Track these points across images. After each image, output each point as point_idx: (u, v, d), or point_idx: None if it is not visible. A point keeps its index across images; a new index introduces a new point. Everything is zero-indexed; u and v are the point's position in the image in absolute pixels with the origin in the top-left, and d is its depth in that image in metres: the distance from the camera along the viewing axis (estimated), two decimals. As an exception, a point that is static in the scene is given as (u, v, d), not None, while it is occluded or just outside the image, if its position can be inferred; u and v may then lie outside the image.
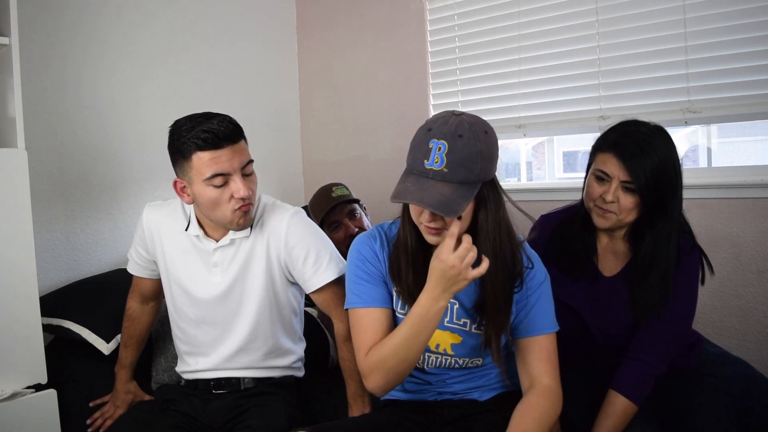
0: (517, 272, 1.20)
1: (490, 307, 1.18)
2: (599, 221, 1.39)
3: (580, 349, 1.52)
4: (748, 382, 1.54)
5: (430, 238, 1.15)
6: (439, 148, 1.07)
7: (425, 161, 1.09)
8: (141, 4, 2.31)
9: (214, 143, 1.32)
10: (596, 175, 1.39)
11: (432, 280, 1.11)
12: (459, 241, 1.09)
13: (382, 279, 1.26)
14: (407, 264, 1.21)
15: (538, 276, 1.25)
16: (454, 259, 1.06)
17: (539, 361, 1.22)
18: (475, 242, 1.11)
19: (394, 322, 1.25)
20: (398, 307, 1.27)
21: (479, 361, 1.27)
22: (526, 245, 1.26)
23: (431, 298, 1.11)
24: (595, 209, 1.40)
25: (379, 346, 1.18)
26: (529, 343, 1.23)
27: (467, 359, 1.27)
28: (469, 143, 1.08)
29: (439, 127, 1.10)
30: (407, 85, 2.62)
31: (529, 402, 1.18)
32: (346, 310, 1.29)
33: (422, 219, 1.13)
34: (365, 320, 1.23)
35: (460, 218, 1.10)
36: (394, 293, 1.27)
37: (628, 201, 1.34)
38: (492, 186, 1.14)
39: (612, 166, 1.34)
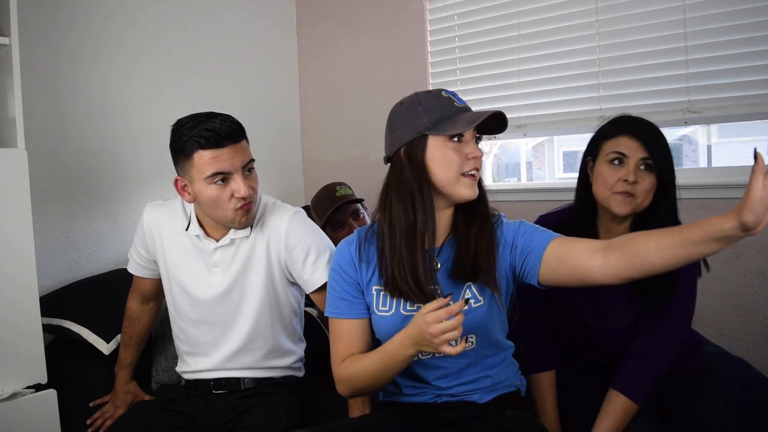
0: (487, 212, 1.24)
1: (481, 233, 1.21)
2: (619, 208, 1.35)
3: (580, 349, 1.52)
4: (748, 382, 1.54)
5: (472, 188, 1.19)
6: (454, 94, 1.23)
7: (455, 103, 1.21)
8: (141, 5, 2.31)
9: (216, 142, 1.32)
10: (611, 159, 1.37)
11: (410, 327, 1.13)
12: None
13: (357, 288, 1.29)
14: (417, 252, 1.20)
15: (513, 222, 1.27)
16: (436, 329, 1.07)
17: (579, 242, 1.15)
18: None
19: (371, 325, 1.30)
20: (378, 305, 1.27)
21: (472, 338, 1.25)
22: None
23: (402, 344, 1.15)
24: (613, 197, 1.36)
25: (351, 365, 1.25)
26: (554, 248, 1.17)
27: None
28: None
29: (432, 90, 1.26)
30: (407, 85, 2.62)
31: (640, 233, 1.06)
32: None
33: (471, 160, 1.18)
34: (340, 330, 1.30)
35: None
36: (374, 292, 1.28)
37: (647, 182, 1.35)
38: None
39: (629, 147, 1.35)
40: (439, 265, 1.26)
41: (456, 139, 1.18)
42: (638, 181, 1.34)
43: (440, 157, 1.18)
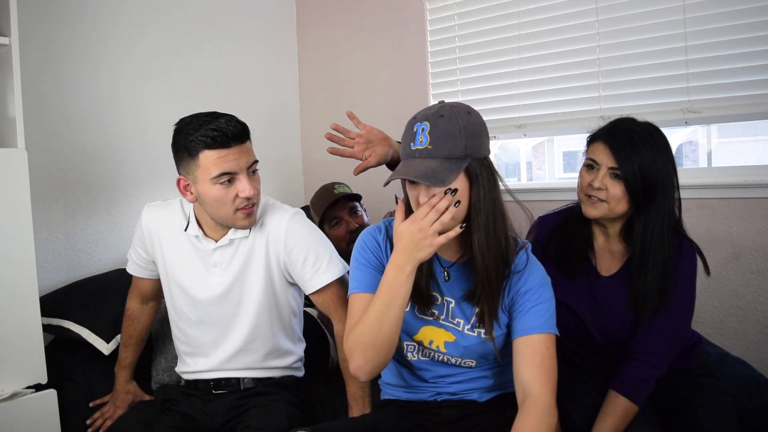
0: (508, 254, 1.19)
1: (482, 283, 1.17)
2: (589, 210, 1.40)
3: (580, 349, 1.53)
4: (749, 383, 1.54)
5: None
6: (422, 129, 1.13)
7: (411, 144, 1.14)
8: (141, 4, 2.31)
9: (223, 142, 1.32)
10: (586, 164, 1.42)
11: (398, 246, 1.13)
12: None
13: (380, 268, 1.26)
14: None
15: (538, 277, 1.23)
16: (425, 221, 1.09)
17: (530, 366, 1.16)
18: (468, 219, 1.15)
19: None
20: None
21: (472, 362, 1.27)
22: (529, 247, 1.26)
23: (397, 265, 1.13)
24: (585, 199, 1.41)
25: (356, 325, 1.18)
26: (521, 344, 1.19)
27: (459, 359, 1.27)
28: (450, 120, 1.12)
29: (422, 112, 1.16)
30: (407, 85, 2.62)
31: (516, 426, 1.11)
32: (347, 300, 1.29)
33: (420, 202, 1.14)
34: (357, 305, 1.22)
35: (458, 202, 1.12)
36: None
37: (616, 189, 1.35)
38: (485, 166, 1.16)
39: (600, 153, 1.37)
40: (449, 277, 1.25)
41: (412, 182, 1.17)
42: (606, 188, 1.36)
43: (408, 194, 1.20)
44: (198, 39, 2.51)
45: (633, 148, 1.33)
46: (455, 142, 1.11)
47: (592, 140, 1.42)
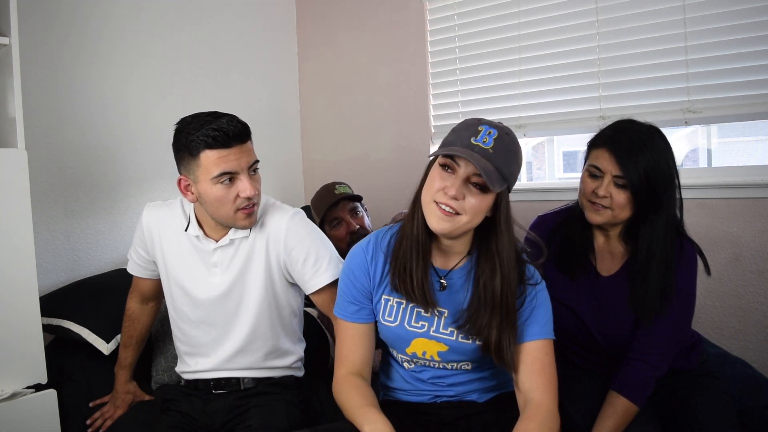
0: (518, 280, 1.19)
1: (486, 307, 1.17)
2: (592, 217, 1.40)
3: (581, 350, 1.52)
4: (749, 383, 1.54)
5: (439, 221, 1.14)
6: (490, 132, 1.14)
7: (473, 138, 1.14)
8: (141, 5, 2.31)
9: (224, 142, 1.32)
10: (590, 170, 1.40)
11: None
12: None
13: (366, 296, 1.29)
14: (417, 254, 1.21)
15: (543, 293, 1.24)
16: None
17: (530, 374, 1.17)
18: (485, 239, 1.18)
19: (376, 328, 1.31)
20: (384, 315, 1.28)
21: (468, 365, 1.27)
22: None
23: None
24: (588, 205, 1.41)
25: (344, 392, 1.23)
26: (520, 352, 1.19)
27: (455, 363, 1.27)
28: (513, 142, 1.17)
29: (488, 121, 1.17)
30: (407, 85, 2.62)
31: (517, 429, 1.12)
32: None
33: (445, 194, 1.13)
34: (345, 332, 1.30)
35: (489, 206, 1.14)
36: (382, 301, 1.28)
37: (620, 197, 1.34)
38: (508, 196, 1.20)
39: (605, 161, 1.36)
40: (446, 285, 1.25)
41: (448, 169, 1.15)
42: (610, 196, 1.35)
43: (431, 176, 1.18)
44: (199, 39, 2.51)
45: (637, 156, 1.32)
46: (510, 163, 1.15)
47: (594, 146, 1.40)
